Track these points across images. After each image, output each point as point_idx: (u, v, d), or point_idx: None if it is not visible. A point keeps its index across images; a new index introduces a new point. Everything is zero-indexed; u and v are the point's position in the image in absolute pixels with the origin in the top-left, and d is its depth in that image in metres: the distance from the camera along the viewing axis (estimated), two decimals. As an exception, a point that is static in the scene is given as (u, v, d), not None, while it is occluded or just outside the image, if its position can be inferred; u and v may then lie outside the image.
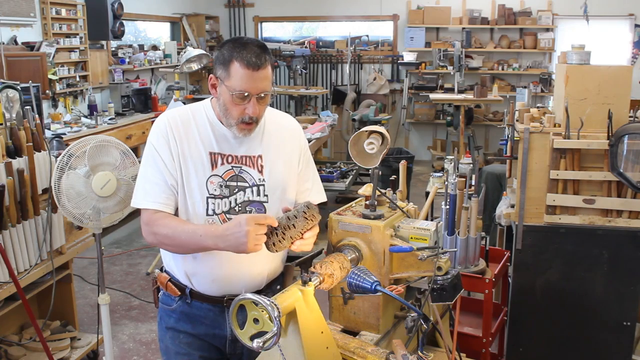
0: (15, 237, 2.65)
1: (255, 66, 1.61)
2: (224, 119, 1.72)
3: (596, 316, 2.86)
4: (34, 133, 2.78)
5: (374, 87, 8.76)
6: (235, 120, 1.68)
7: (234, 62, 1.62)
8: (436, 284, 1.63)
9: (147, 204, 1.70)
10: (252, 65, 1.61)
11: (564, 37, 8.16)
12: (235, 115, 1.67)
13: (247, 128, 1.69)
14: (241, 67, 1.61)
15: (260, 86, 1.64)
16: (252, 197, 1.75)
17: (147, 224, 1.69)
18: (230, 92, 1.64)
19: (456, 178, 2.59)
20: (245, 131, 1.70)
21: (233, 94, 1.63)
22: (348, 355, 1.59)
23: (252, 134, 1.73)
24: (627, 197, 2.67)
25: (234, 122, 1.68)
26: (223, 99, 1.68)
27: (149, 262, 4.88)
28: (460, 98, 7.36)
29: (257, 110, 1.66)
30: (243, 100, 1.64)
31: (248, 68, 1.61)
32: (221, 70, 1.66)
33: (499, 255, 3.03)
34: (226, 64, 1.64)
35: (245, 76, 1.61)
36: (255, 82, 1.63)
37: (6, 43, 4.91)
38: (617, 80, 2.69)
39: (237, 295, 1.39)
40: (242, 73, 1.61)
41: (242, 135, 1.71)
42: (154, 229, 1.67)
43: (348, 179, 5.60)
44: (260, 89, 1.64)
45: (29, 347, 3.04)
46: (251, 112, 1.65)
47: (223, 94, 1.67)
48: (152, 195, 1.70)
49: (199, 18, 8.63)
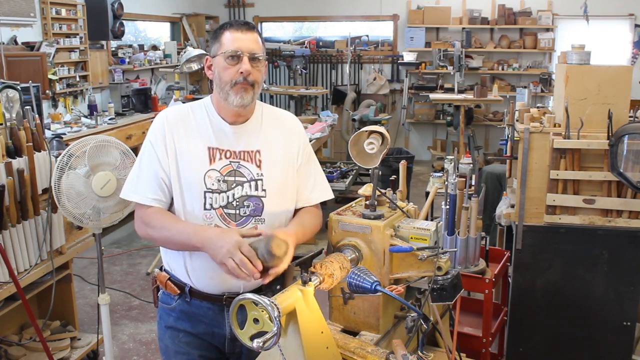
0: (15, 237, 2.65)
1: (243, 29, 1.71)
2: (220, 92, 1.72)
3: (596, 316, 2.86)
4: (34, 133, 2.78)
5: (374, 87, 8.76)
6: (229, 83, 1.69)
7: (224, 32, 1.72)
8: (436, 284, 1.63)
9: (138, 197, 1.74)
10: (240, 29, 1.71)
11: (564, 37, 8.16)
12: (229, 78, 1.69)
13: (243, 88, 1.69)
14: (230, 33, 1.71)
15: (250, 45, 1.70)
16: (249, 191, 1.75)
17: (140, 217, 1.75)
18: (223, 57, 1.69)
19: (456, 178, 2.59)
20: (242, 92, 1.69)
21: (226, 54, 1.68)
22: (348, 355, 1.59)
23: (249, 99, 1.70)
24: (627, 197, 2.67)
25: (228, 86, 1.69)
26: (217, 71, 1.72)
27: (149, 262, 4.88)
28: (460, 98, 7.36)
29: (251, 70, 1.69)
30: (235, 61, 1.68)
31: (237, 31, 1.71)
32: (214, 46, 1.74)
33: (499, 255, 3.04)
34: (217, 37, 1.73)
35: (235, 38, 1.70)
36: (245, 42, 1.70)
37: (6, 43, 4.91)
38: (617, 80, 2.69)
39: (236, 293, 1.40)
40: (232, 37, 1.70)
41: (240, 98, 1.69)
42: (145, 221, 1.72)
43: (348, 179, 5.60)
44: (251, 48, 1.70)
45: (29, 347, 3.04)
46: (244, 68, 1.68)
47: (217, 65, 1.72)
48: (144, 190, 1.74)
49: (199, 18, 8.63)
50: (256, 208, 1.75)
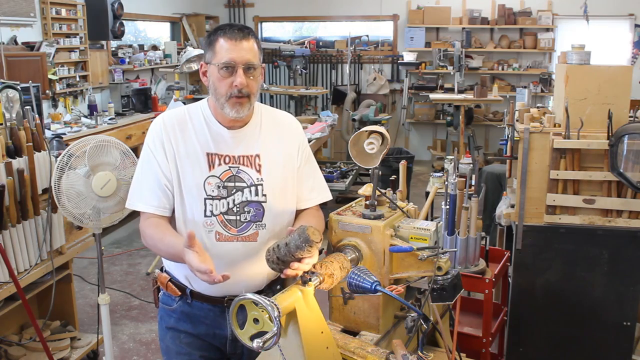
0: (15, 237, 2.65)
1: (239, 37, 1.65)
2: (216, 102, 1.70)
3: (596, 316, 2.86)
4: (34, 133, 2.78)
5: (374, 87, 8.76)
6: (224, 96, 1.66)
7: (218, 39, 1.66)
8: (436, 284, 1.63)
9: (142, 206, 1.73)
10: (235, 37, 1.64)
11: (564, 37, 8.16)
12: (224, 91, 1.66)
13: (239, 102, 1.66)
14: (225, 41, 1.65)
15: (246, 56, 1.65)
16: (250, 197, 1.74)
17: (140, 227, 1.74)
18: (217, 68, 1.65)
19: (456, 178, 2.58)
20: (237, 106, 1.66)
21: (219, 65, 1.64)
22: (348, 355, 1.59)
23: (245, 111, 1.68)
24: (627, 197, 2.67)
25: (224, 99, 1.66)
26: (212, 80, 1.68)
27: (149, 262, 4.88)
28: (460, 98, 7.36)
29: (245, 82, 1.65)
30: (230, 72, 1.64)
31: (231, 39, 1.64)
32: (208, 53, 1.69)
33: (499, 255, 3.03)
34: (212, 44, 1.67)
35: (229, 48, 1.64)
36: (239, 52, 1.64)
37: (6, 43, 4.91)
38: (617, 80, 2.69)
39: (238, 295, 1.39)
40: (226, 46, 1.64)
41: (235, 112, 1.67)
42: (143, 234, 1.73)
43: (348, 179, 5.60)
44: (246, 59, 1.65)
45: (29, 347, 3.03)
46: (238, 82, 1.64)
47: (212, 74, 1.68)
48: (147, 198, 1.73)
49: (199, 18, 8.63)
50: (257, 213, 1.75)
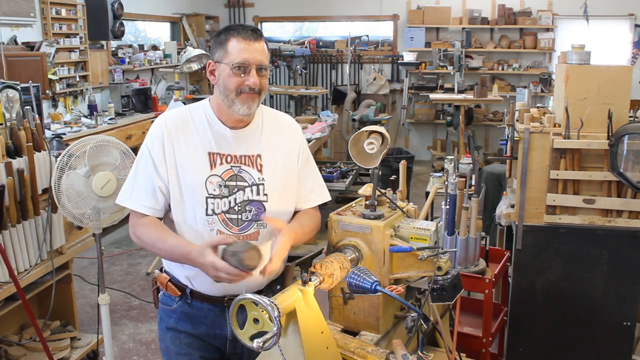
0: (15, 237, 2.65)
1: (252, 38, 1.67)
2: (225, 99, 1.69)
3: (596, 316, 2.86)
4: (34, 133, 2.78)
5: (374, 87, 8.76)
6: (235, 92, 1.66)
7: (230, 39, 1.67)
8: (436, 284, 1.63)
9: (132, 205, 1.74)
10: (249, 38, 1.66)
11: (564, 37, 8.16)
12: (235, 87, 1.66)
13: (250, 97, 1.68)
14: (238, 42, 1.66)
15: (259, 57, 1.67)
16: (251, 196, 1.75)
17: (132, 225, 1.75)
18: (229, 67, 1.66)
19: (456, 178, 2.59)
20: (249, 102, 1.68)
21: (232, 65, 1.65)
22: (348, 355, 1.59)
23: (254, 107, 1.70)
24: (627, 197, 2.67)
25: (234, 94, 1.67)
26: (222, 78, 1.69)
27: (149, 262, 4.88)
28: (460, 98, 7.36)
29: (258, 82, 1.67)
30: (243, 72, 1.66)
31: (245, 40, 1.66)
32: (218, 52, 1.69)
33: (499, 255, 3.03)
34: (223, 44, 1.68)
35: (243, 48, 1.66)
36: (253, 53, 1.66)
37: (6, 43, 4.91)
38: (617, 80, 2.69)
39: (238, 295, 1.39)
40: (240, 46, 1.66)
41: (246, 108, 1.68)
42: (137, 233, 1.73)
43: (348, 179, 5.60)
44: (258, 60, 1.67)
45: (29, 347, 3.03)
46: (252, 82, 1.66)
47: (222, 72, 1.69)
48: (139, 198, 1.73)
49: (199, 18, 8.63)
50: (258, 212, 1.75)
